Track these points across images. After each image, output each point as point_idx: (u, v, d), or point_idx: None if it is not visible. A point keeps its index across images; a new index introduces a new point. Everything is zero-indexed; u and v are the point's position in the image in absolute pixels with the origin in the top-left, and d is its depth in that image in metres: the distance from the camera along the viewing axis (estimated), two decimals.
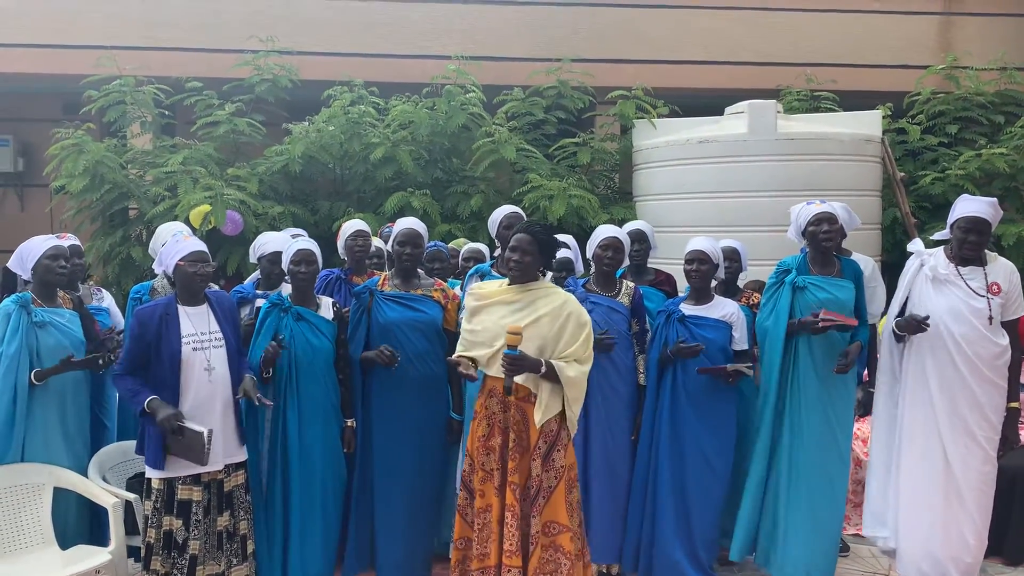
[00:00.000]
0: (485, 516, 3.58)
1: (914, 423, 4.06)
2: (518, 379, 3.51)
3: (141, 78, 7.69)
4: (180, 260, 3.60)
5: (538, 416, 3.52)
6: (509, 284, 3.65)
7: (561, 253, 4.67)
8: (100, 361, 4.00)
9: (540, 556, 3.55)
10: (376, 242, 5.09)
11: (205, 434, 3.46)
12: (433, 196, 7.20)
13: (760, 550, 4.29)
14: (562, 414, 3.59)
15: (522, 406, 3.57)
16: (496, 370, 3.53)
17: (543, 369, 3.48)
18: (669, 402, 4.20)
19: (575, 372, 3.52)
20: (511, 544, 3.51)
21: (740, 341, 4.21)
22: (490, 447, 3.60)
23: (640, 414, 4.29)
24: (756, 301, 4.46)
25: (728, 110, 7.10)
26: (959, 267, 4.00)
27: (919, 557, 4.08)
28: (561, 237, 4.89)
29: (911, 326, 3.97)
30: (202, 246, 3.69)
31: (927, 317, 3.94)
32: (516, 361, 3.42)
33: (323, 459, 3.97)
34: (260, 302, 4.15)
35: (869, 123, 7.06)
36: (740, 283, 4.73)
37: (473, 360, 3.62)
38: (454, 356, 3.67)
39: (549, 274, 4.43)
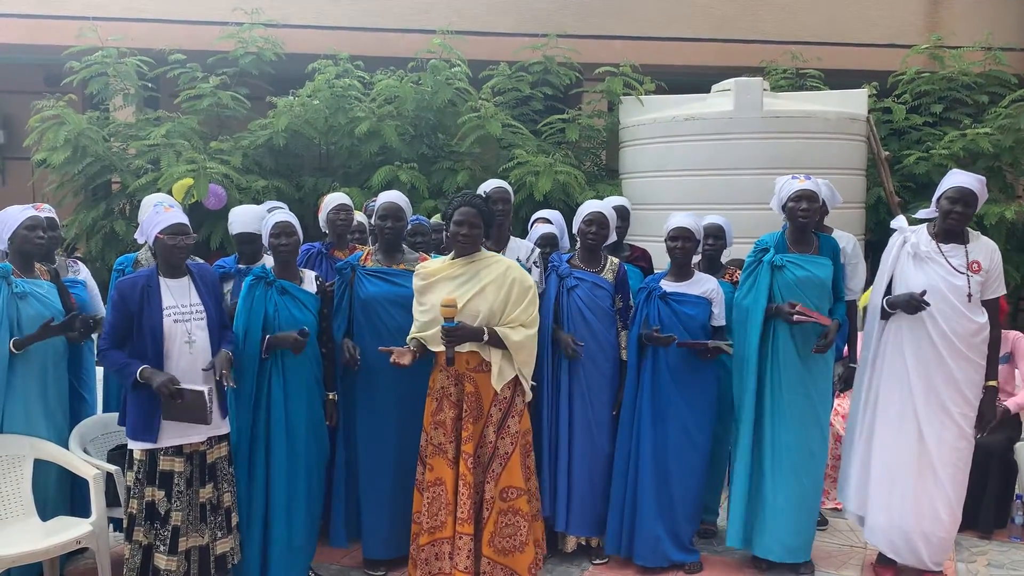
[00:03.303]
0: (436, 489, 3.69)
1: (890, 398, 4.09)
2: (468, 348, 3.62)
3: (124, 50, 7.61)
4: (159, 233, 3.57)
5: (495, 382, 3.64)
6: (454, 258, 3.73)
7: (545, 228, 4.69)
8: (80, 328, 3.98)
9: (497, 521, 3.68)
10: (359, 217, 5.06)
11: (205, 392, 3.47)
12: (419, 171, 7.18)
13: (738, 532, 4.28)
14: (516, 380, 3.71)
15: (474, 376, 3.68)
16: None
17: (485, 337, 3.59)
18: (651, 377, 4.22)
19: (520, 336, 3.64)
20: (463, 512, 3.63)
21: (719, 317, 4.24)
22: (439, 422, 3.72)
23: (621, 389, 4.31)
24: (739, 278, 4.47)
25: (714, 88, 7.10)
26: (941, 244, 4.01)
27: (889, 529, 4.13)
28: (546, 213, 4.93)
29: (911, 305, 3.92)
30: (182, 218, 3.66)
31: (924, 292, 3.91)
32: (452, 332, 3.55)
33: (307, 432, 3.97)
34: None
35: (855, 102, 7.07)
36: (724, 260, 4.74)
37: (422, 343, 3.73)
38: (409, 337, 3.77)
39: (536, 249, 4.46)
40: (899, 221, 4.24)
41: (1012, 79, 8.24)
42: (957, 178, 4.01)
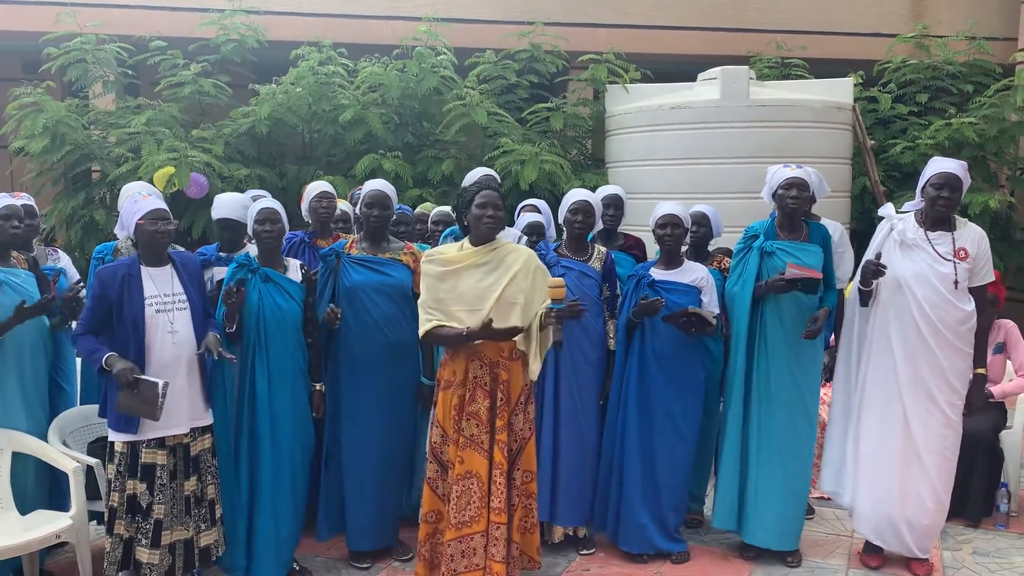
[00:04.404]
0: (467, 483, 3.56)
1: (875, 386, 4.08)
2: (517, 333, 3.51)
3: (103, 36, 7.51)
4: (140, 219, 3.52)
5: (535, 368, 3.59)
6: (474, 244, 3.62)
7: (532, 217, 4.64)
8: (60, 314, 3.90)
9: (522, 505, 3.65)
10: (343, 205, 5.00)
11: (160, 385, 3.35)
12: (404, 160, 7.13)
13: (728, 514, 4.29)
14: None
15: (508, 364, 3.59)
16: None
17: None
18: (637, 366, 4.20)
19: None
20: (499, 502, 3.53)
21: (710, 305, 4.21)
22: (472, 412, 3.57)
23: (609, 378, 4.29)
24: (727, 265, 4.46)
25: (701, 76, 7.08)
26: (928, 232, 4.00)
27: (875, 517, 4.14)
28: (532, 202, 4.88)
29: (866, 271, 3.93)
30: (162, 204, 3.60)
31: (879, 256, 3.93)
32: (563, 313, 3.47)
33: (292, 423, 3.92)
34: (219, 272, 4.05)
35: (841, 90, 7.07)
36: (711, 248, 4.72)
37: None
38: (426, 329, 3.57)
39: (524, 238, 4.43)
40: (887, 209, 4.23)
41: (997, 68, 8.26)
42: (940, 164, 4.00)
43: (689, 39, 9.35)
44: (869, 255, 4.12)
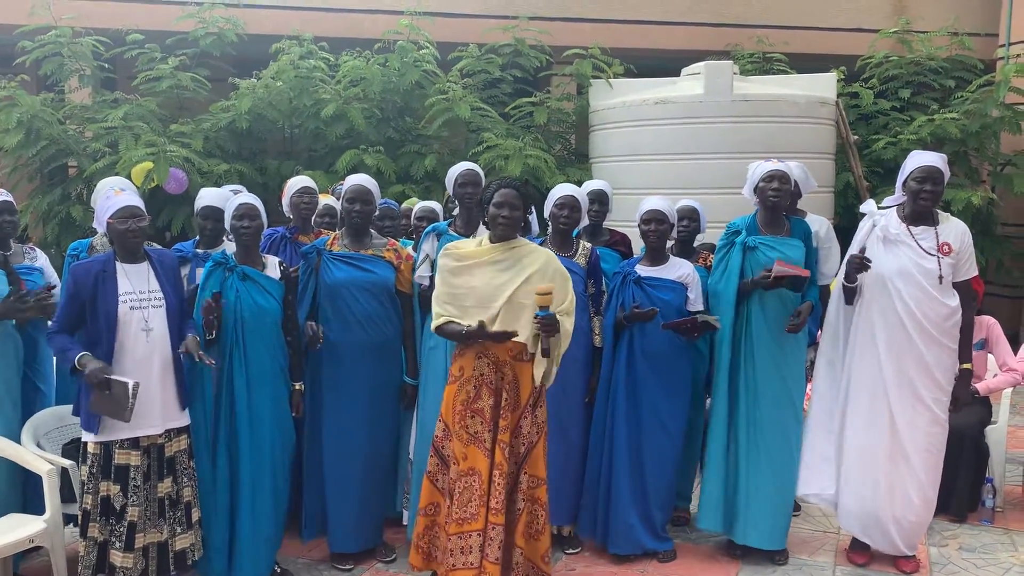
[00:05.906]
0: (469, 479, 3.52)
1: (861, 384, 4.05)
2: (511, 338, 3.44)
3: (79, 29, 7.40)
4: (110, 217, 3.45)
5: (538, 373, 3.52)
6: (492, 242, 3.57)
7: None
8: (28, 300, 3.78)
9: (528, 511, 3.59)
10: (330, 201, 4.93)
11: (130, 385, 3.29)
12: (386, 155, 7.07)
13: (714, 514, 4.24)
14: None
15: (515, 365, 3.53)
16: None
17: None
18: (626, 364, 4.15)
19: (569, 326, 3.56)
20: (496, 502, 3.49)
21: (695, 302, 4.17)
22: (477, 409, 3.53)
23: (594, 376, 4.24)
24: (712, 262, 4.42)
25: (684, 71, 7.06)
26: (911, 227, 3.98)
27: (861, 514, 4.11)
28: None
29: (851, 265, 3.90)
30: (133, 201, 3.51)
31: (863, 250, 3.90)
32: (552, 321, 3.40)
33: (272, 423, 3.84)
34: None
35: (824, 86, 7.07)
36: (696, 244, 4.69)
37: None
38: (436, 324, 3.54)
39: None
40: (868, 205, 4.20)
41: (978, 64, 8.30)
42: (920, 158, 3.98)
43: (672, 34, 9.34)
44: (852, 251, 4.09)
